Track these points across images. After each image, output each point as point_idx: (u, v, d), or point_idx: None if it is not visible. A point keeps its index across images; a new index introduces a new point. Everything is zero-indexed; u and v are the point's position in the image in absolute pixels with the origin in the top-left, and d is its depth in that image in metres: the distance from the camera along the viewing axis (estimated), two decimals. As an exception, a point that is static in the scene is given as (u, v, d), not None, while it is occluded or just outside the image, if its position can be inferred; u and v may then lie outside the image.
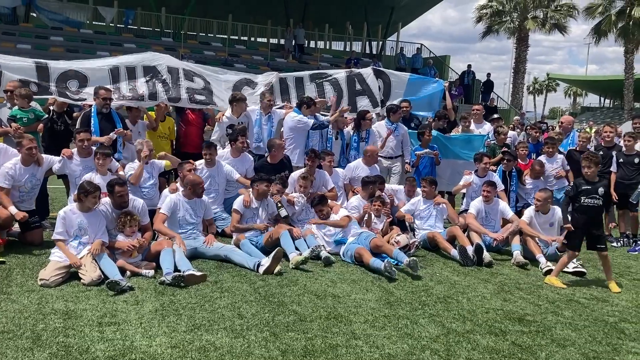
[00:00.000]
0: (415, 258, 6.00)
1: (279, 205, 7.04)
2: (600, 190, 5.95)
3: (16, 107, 7.17)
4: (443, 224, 7.66)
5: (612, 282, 6.02)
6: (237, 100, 8.14)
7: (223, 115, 8.19)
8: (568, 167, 8.50)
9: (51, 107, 7.75)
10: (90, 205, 5.70)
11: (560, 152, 8.70)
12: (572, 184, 6.53)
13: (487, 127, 9.84)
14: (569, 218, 6.09)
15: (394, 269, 5.83)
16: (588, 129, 24.14)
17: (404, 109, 9.28)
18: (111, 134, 7.17)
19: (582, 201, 6.00)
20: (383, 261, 5.93)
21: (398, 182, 8.83)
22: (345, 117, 8.81)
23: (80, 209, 5.68)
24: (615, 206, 8.34)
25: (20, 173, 6.38)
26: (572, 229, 6.06)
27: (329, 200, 7.33)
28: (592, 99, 75.42)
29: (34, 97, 7.37)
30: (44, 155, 6.73)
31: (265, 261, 5.81)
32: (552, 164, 8.50)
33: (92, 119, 7.31)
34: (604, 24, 34.33)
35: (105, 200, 5.99)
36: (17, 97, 7.12)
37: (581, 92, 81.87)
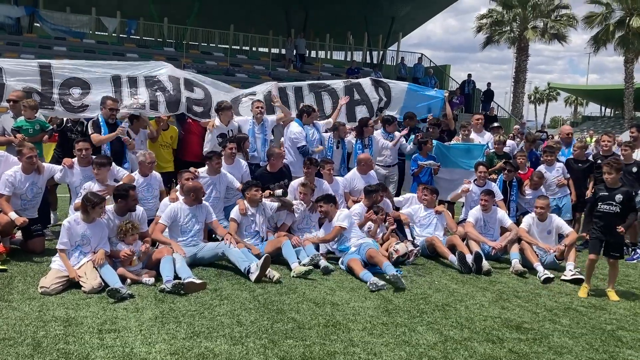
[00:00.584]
0: (397, 274, 5.91)
1: (271, 192, 7.10)
2: (618, 197, 5.89)
3: (22, 118, 7.24)
4: (443, 233, 7.68)
5: (612, 291, 6.02)
6: (222, 109, 8.19)
7: (213, 125, 8.23)
8: (568, 175, 8.56)
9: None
10: (96, 216, 5.75)
11: (558, 161, 8.75)
12: (592, 190, 6.54)
13: (487, 137, 9.90)
14: (588, 225, 6.12)
15: (379, 285, 5.77)
16: (588, 138, 24.20)
17: (412, 122, 9.37)
18: (120, 128, 7.30)
19: (598, 207, 6.02)
20: (373, 275, 5.95)
21: (395, 189, 8.90)
22: (344, 125, 8.88)
23: (84, 219, 5.71)
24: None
25: (20, 181, 6.44)
26: (588, 237, 6.12)
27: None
28: (592, 108, 75.57)
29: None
30: (44, 164, 6.79)
31: (254, 268, 5.85)
32: (551, 173, 8.55)
33: (101, 128, 7.37)
34: (602, 34, 34.50)
35: (108, 208, 6.04)
36: (25, 108, 7.19)
37: (582, 102, 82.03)
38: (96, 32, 27.09)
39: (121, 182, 6.58)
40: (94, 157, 6.86)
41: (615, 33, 34.09)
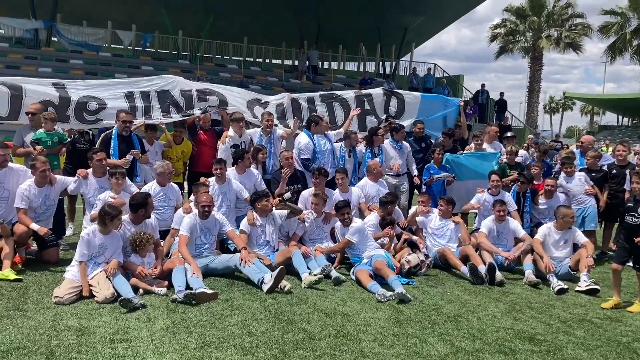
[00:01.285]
0: (404, 291, 5.79)
1: (282, 199, 7.14)
2: None
3: (41, 130, 7.37)
4: (457, 244, 7.60)
5: (638, 304, 5.87)
6: (234, 120, 8.31)
7: (227, 137, 8.30)
8: (592, 183, 8.34)
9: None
10: (114, 228, 5.81)
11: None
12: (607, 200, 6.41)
13: (500, 148, 9.83)
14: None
15: (387, 296, 5.74)
16: (604, 148, 23.94)
17: (418, 130, 9.37)
18: (127, 156, 7.31)
19: (624, 217, 5.95)
20: (380, 287, 5.93)
21: (406, 199, 8.88)
22: (356, 134, 8.91)
23: (101, 231, 5.76)
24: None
25: (34, 194, 6.54)
26: (614, 247, 6.07)
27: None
28: (609, 118, 74.70)
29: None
30: (57, 176, 6.89)
31: (268, 279, 5.84)
32: (572, 183, 8.36)
33: (112, 141, 7.47)
34: (618, 43, 34.27)
35: (123, 218, 6.10)
36: (45, 120, 7.34)
37: (598, 111, 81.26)
38: (112, 45, 27.52)
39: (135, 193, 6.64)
40: (109, 168, 6.94)
41: (632, 42, 33.86)
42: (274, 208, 7.06)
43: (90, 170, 6.97)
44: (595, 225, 8.24)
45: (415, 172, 8.99)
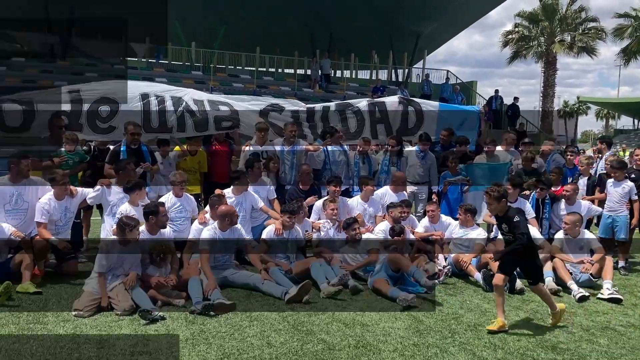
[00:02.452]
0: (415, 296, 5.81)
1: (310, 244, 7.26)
2: (504, 226, 5.43)
3: (63, 149, 7.45)
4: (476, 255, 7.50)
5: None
6: (258, 130, 8.34)
7: (249, 145, 8.33)
8: (636, 197, 7.95)
9: (92, 144, 8.05)
10: (132, 239, 5.83)
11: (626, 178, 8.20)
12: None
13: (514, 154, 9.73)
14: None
15: (409, 299, 5.71)
16: (621, 152, 23.65)
17: (444, 137, 9.31)
18: (137, 169, 7.33)
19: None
20: (401, 292, 5.91)
21: (423, 207, 8.82)
22: (369, 141, 8.91)
23: (121, 243, 5.79)
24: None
25: (55, 207, 6.60)
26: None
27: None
28: (625, 121, 73.81)
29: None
30: (78, 188, 6.95)
31: (293, 290, 5.81)
32: (617, 189, 8.01)
33: (121, 154, 7.50)
34: (632, 45, 33.96)
35: (141, 229, 6.13)
36: (67, 140, 7.42)
37: (613, 115, 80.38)
38: (126, 58, 27.83)
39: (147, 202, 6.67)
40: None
41: (646, 44, 33.55)
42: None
43: (114, 180, 7.00)
44: (625, 236, 7.93)
45: (436, 188, 8.93)
